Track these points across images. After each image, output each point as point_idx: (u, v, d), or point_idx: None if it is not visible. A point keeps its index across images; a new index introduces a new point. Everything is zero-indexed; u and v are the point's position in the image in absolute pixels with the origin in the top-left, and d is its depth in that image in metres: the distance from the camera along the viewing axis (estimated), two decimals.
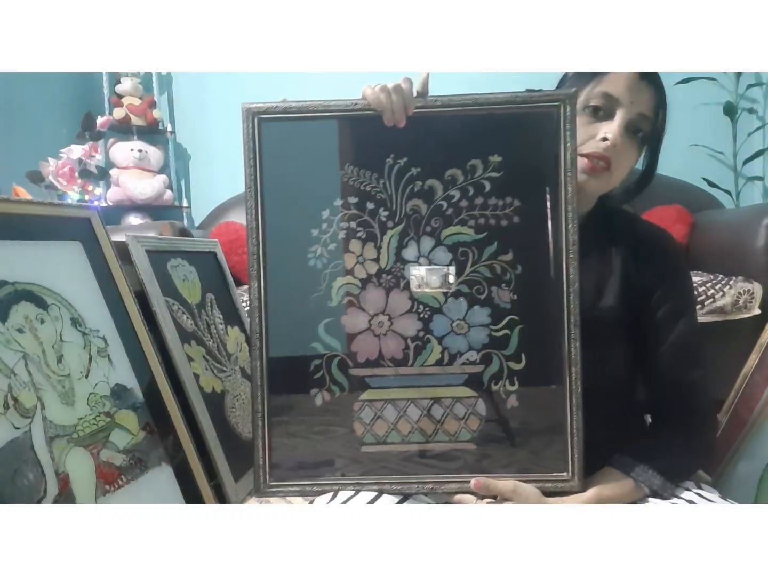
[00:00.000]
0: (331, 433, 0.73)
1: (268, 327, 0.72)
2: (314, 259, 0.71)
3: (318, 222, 0.71)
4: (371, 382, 0.71)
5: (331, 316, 0.71)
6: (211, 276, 1.52)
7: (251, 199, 0.71)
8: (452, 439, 0.70)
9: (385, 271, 0.70)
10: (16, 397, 0.74)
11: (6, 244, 0.83)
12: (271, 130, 0.72)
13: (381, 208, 0.70)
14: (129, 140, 2.66)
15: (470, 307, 0.70)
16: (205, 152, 2.82)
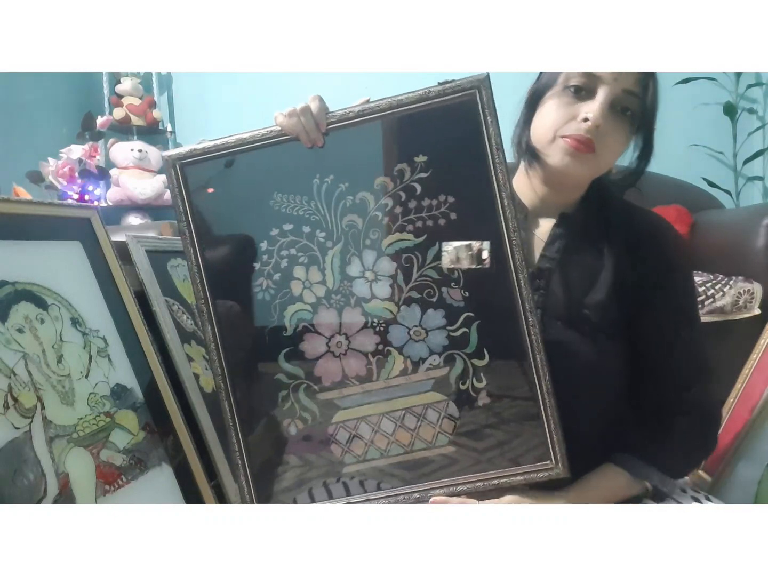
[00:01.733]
0: (312, 460, 0.73)
1: (229, 367, 0.72)
2: (261, 291, 0.71)
3: (258, 254, 0.71)
4: (340, 403, 0.71)
5: (290, 345, 0.71)
6: None
7: (188, 245, 0.71)
8: (430, 446, 0.69)
9: (334, 291, 0.70)
10: (16, 397, 0.74)
11: (6, 244, 0.83)
12: (195, 174, 0.71)
13: (317, 230, 0.70)
14: (129, 140, 2.66)
15: (424, 311, 0.69)
16: None
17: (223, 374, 0.72)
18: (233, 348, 0.72)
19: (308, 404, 0.71)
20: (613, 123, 0.69)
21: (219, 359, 0.72)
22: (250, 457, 0.74)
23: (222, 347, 0.72)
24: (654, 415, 0.75)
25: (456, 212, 0.67)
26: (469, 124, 0.64)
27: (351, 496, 0.71)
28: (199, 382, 1.22)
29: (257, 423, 0.74)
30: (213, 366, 0.72)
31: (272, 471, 0.74)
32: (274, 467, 0.74)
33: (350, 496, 0.71)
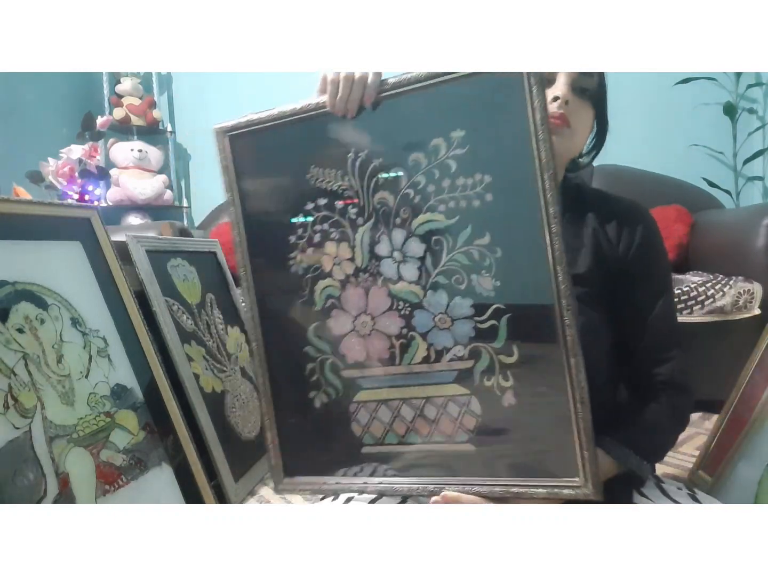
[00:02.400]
0: (333, 434, 0.72)
1: (265, 334, 0.73)
2: (295, 265, 0.71)
3: (294, 228, 0.71)
4: (363, 383, 0.70)
5: (318, 320, 0.71)
6: (211, 276, 1.53)
7: (233, 214, 0.72)
8: (449, 441, 0.67)
9: (362, 269, 0.68)
10: (16, 397, 0.74)
11: (6, 244, 0.83)
12: (242, 146, 0.71)
13: (350, 206, 0.68)
14: (129, 140, 2.66)
15: (451, 298, 0.65)
16: (205, 152, 2.82)
17: (258, 343, 0.73)
18: (269, 318, 0.73)
19: (332, 380, 0.71)
20: (578, 101, 0.73)
21: (255, 329, 0.73)
22: (279, 422, 0.73)
23: (260, 318, 0.73)
24: (632, 394, 0.77)
25: (492, 193, 0.62)
26: (512, 98, 0.59)
27: (368, 478, 0.70)
28: (199, 382, 1.22)
29: (286, 392, 0.74)
30: (249, 335, 0.73)
31: (298, 439, 0.74)
32: (300, 436, 0.74)
33: (367, 478, 0.70)
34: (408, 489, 0.68)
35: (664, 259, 0.82)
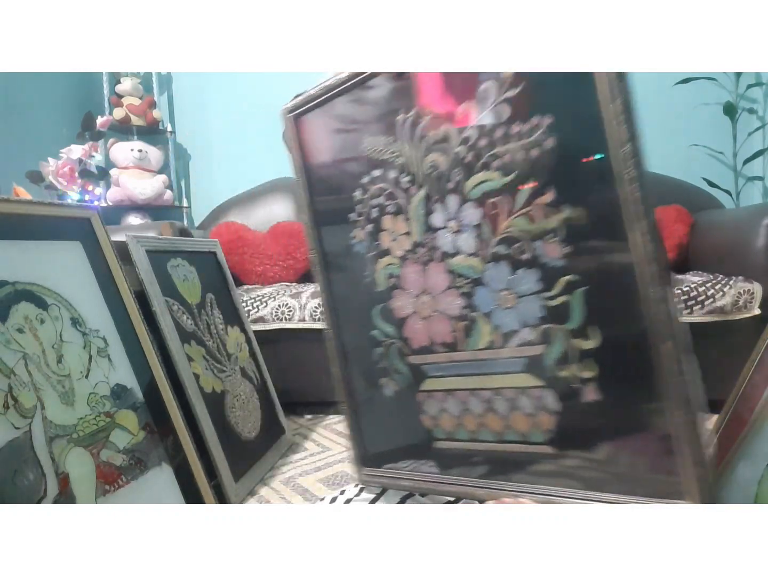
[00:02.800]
0: (404, 425, 0.66)
1: (336, 320, 0.68)
2: (357, 244, 0.66)
3: (353, 205, 0.66)
4: (427, 370, 0.62)
5: (382, 302, 0.65)
6: (211, 276, 1.53)
7: (302, 197, 0.69)
8: (524, 440, 0.56)
9: (419, 244, 0.61)
10: (16, 397, 0.74)
11: (6, 244, 0.83)
12: (304, 125, 0.68)
13: (402, 174, 0.62)
14: (129, 140, 2.66)
15: (514, 271, 0.54)
16: (205, 152, 2.82)
17: (331, 328, 0.69)
18: (339, 302, 0.70)
19: (400, 366, 0.65)
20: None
21: (328, 314, 0.69)
22: (357, 412, 0.69)
23: (331, 302, 0.69)
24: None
25: (555, 137, 0.51)
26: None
27: (440, 476, 0.63)
28: (199, 382, 1.22)
29: (358, 379, 0.70)
30: (324, 320, 0.70)
31: (374, 429, 0.70)
32: (376, 426, 0.70)
33: (440, 475, 0.63)
34: (486, 494, 0.60)
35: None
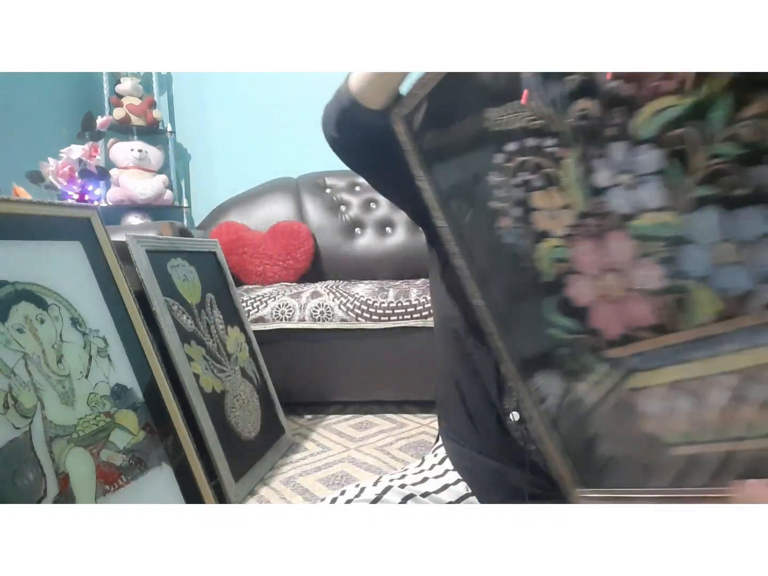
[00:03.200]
0: (619, 434, 0.55)
1: (500, 326, 0.56)
2: (507, 234, 0.54)
3: (490, 192, 0.55)
4: (633, 362, 0.51)
5: (554, 293, 0.52)
6: (211, 276, 1.53)
7: (430, 200, 0.59)
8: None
9: (585, 213, 0.49)
10: (16, 397, 0.74)
11: (6, 244, 0.83)
12: (416, 122, 0.59)
13: (543, 138, 0.51)
14: (129, 140, 2.66)
15: (729, 215, 0.42)
16: (205, 152, 2.83)
17: (496, 338, 0.57)
18: (499, 305, 0.58)
19: (595, 365, 0.52)
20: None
21: (488, 321, 0.57)
22: (553, 433, 0.55)
23: (489, 307, 0.57)
24: None
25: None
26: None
27: (675, 487, 0.52)
28: (199, 382, 1.22)
29: (546, 389, 0.57)
30: (485, 327, 0.57)
31: (578, 447, 0.56)
32: (579, 443, 0.56)
33: (675, 487, 0.52)
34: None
35: None
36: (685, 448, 0.51)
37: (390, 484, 0.74)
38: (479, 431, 0.78)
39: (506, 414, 0.75)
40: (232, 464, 1.20)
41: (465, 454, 0.80)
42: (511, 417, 0.74)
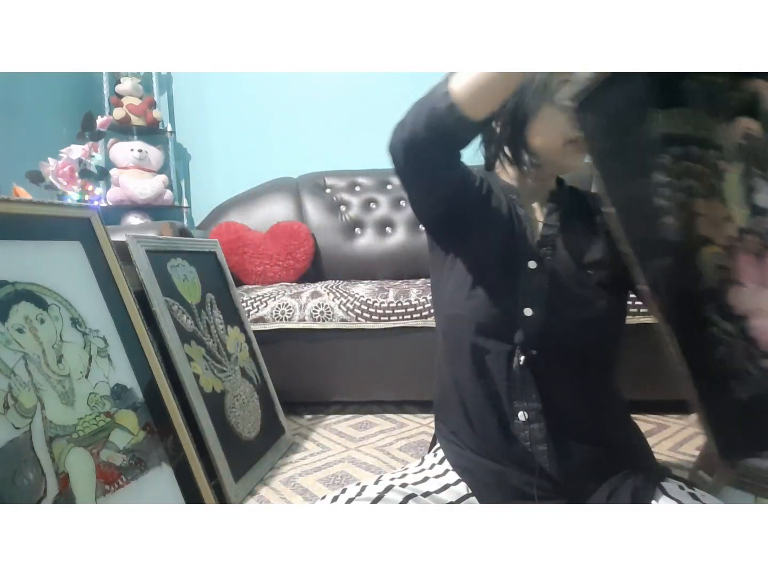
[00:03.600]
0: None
1: (670, 319, 0.56)
2: (670, 233, 0.55)
3: (656, 190, 0.55)
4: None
5: (714, 296, 0.53)
6: (211, 276, 1.53)
7: (603, 189, 0.58)
8: None
9: (745, 230, 0.50)
10: (16, 397, 0.74)
11: (6, 244, 0.83)
12: (585, 120, 0.59)
13: (709, 149, 0.51)
14: (129, 140, 2.66)
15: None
16: (205, 152, 2.82)
17: (667, 330, 0.57)
18: (667, 299, 0.57)
19: (751, 369, 0.54)
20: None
21: (660, 314, 0.57)
22: (711, 422, 0.55)
23: (661, 300, 0.57)
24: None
25: None
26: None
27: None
28: (199, 382, 1.22)
29: (704, 381, 0.57)
30: (658, 321, 0.57)
31: (735, 438, 0.56)
32: (737, 436, 0.56)
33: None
34: None
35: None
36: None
37: (391, 483, 0.73)
38: (479, 433, 0.78)
39: (514, 414, 0.75)
40: (232, 464, 1.20)
41: (464, 456, 0.80)
42: (520, 416, 0.75)
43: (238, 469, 1.24)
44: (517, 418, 0.75)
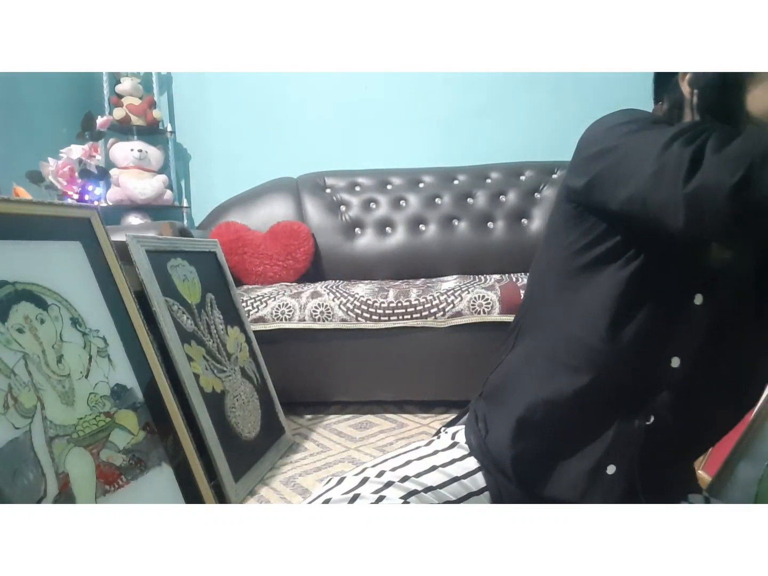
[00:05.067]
0: None
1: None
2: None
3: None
4: None
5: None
6: (211, 276, 1.53)
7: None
8: None
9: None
10: (16, 397, 0.74)
11: (6, 244, 0.83)
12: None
13: None
14: (129, 140, 2.66)
15: None
16: (205, 152, 2.82)
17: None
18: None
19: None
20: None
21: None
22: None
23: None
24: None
25: None
26: None
27: None
28: (199, 382, 1.22)
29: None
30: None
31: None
32: None
33: None
34: None
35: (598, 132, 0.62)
36: None
37: (391, 479, 0.70)
38: (552, 478, 0.67)
39: (604, 470, 0.64)
40: (232, 464, 1.20)
41: (507, 487, 0.70)
42: (609, 470, 0.64)
43: (238, 469, 1.24)
44: (605, 471, 0.64)
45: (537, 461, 0.68)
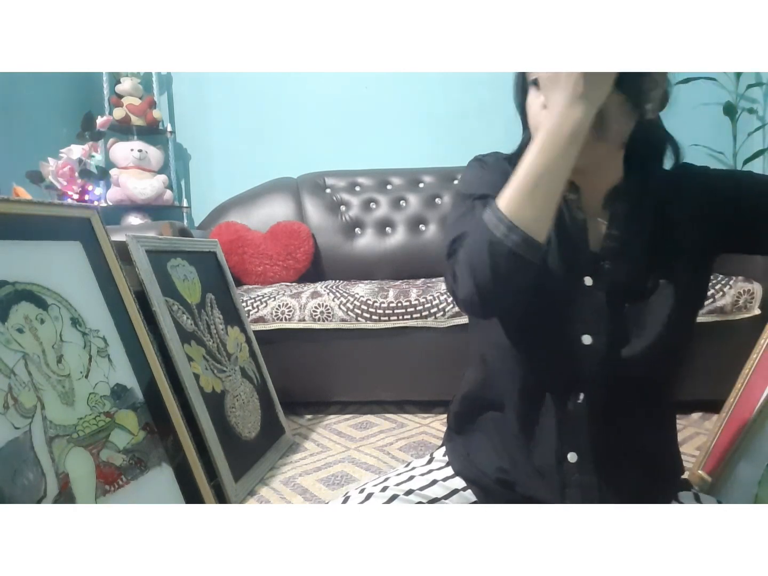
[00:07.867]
0: None
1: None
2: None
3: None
4: None
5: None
6: (211, 276, 1.53)
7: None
8: None
9: None
10: (16, 397, 0.74)
11: (6, 244, 0.83)
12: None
13: None
14: (129, 140, 2.66)
15: None
16: (205, 152, 2.82)
17: None
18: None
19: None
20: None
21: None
22: None
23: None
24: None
25: None
26: None
27: None
28: (199, 382, 1.22)
29: None
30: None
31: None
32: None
33: None
34: None
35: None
36: None
37: (396, 492, 0.72)
38: (511, 469, 0.72)
39: (563, 456, 0.69)
40: (232, 464, 1.20)
41: (482, 478, 0.75)
42: (570, 458, 0.68)
43: (238, 469, 1.24)
44: (566, 459, 0.68)
45: (512, 468, 0.73)
